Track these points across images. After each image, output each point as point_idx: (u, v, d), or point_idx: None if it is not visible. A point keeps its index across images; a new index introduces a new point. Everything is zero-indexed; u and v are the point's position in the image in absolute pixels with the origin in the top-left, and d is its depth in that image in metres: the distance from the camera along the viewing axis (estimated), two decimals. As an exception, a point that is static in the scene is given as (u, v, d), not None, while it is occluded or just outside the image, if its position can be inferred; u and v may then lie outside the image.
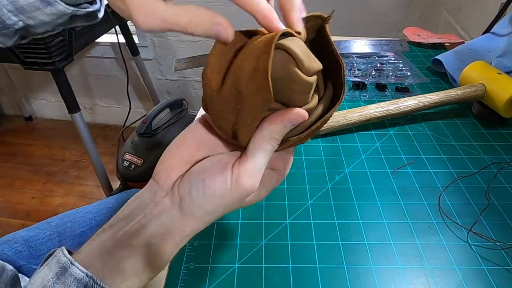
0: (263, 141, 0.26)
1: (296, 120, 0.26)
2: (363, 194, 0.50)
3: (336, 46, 0.27)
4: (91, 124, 2.05)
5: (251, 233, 0.45)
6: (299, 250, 0.43)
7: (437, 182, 0.52)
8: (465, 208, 0.48)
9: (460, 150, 0.57)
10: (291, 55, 0.24)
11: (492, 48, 0.76)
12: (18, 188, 1.72)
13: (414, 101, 0.61)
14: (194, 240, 0.45)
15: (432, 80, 0.75)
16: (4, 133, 2.05)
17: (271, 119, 0.26)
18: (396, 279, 0.40)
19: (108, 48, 1.77)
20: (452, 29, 1.16)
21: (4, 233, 0.61)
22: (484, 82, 0.62)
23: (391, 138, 0.60)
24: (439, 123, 0.64)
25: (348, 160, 0.56)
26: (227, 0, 0.25)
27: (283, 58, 0.24)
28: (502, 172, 0.53)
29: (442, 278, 0.40)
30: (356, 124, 0.60)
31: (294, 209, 0.48)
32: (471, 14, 1.06)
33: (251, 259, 0.42)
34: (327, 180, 0.53)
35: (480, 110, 0.64)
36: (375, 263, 0.42)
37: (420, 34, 0.92)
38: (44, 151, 1.92)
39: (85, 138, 1.28)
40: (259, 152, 0.26)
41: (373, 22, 1.48)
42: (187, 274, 0.41)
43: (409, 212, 0.47)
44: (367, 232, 0.45)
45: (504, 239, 0.44)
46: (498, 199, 0.49)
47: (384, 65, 0.78)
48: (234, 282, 0.40)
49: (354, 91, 0.73)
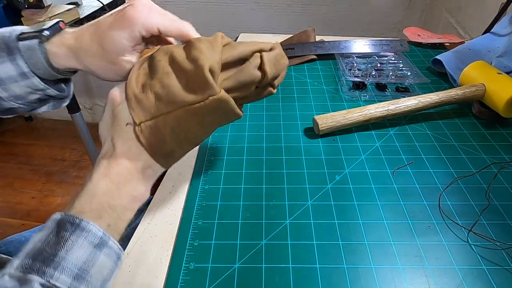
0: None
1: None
2: (363, 194, 0.50)
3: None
4: (91, 124, 2.04)
5: (251, 233, 0.45)
6: (299, 250, 0.43)
7: (437, 182, 0.52)
8: (465, 208, 0.48)
9: (460, 150, 0.57)
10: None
11: (492, 48, 0.76)
12: (18, 188, 1.72)
13: (414, 101, 0.61)
14: (194, 240, 0.45)
15: (432, 80, 0.75)
16: (4, 133, 2.05)
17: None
18: (396, 279, 0.40)
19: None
20: (452, 29, 1.16)
21: (4, 233, 0.61)
22: (484, 82, 0.62)
23: (391, 138, 0.60)
24: (439, 123, 0.64)
25: (348, 160, 0.56)
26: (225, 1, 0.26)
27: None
28: (502, 172, 0.53)
29: (442, 278, 0.40)
30: (356, 124, 0.60)
31: (294, 209, 0.48)
32: (471, 14, 1.06)
33: (251, 259, 0.42)
34: (327, 180, 0.53)
35: (480, 110, 0.64)
36: (375, 263, 0.42)
37: (420, 34, 0.92)
38: (44, 151, 1.92)
39: (85, 138, 1.28)
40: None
41: (373, 22, 1.48)
42: (187, 274, 0.41)
43: (409, 212, 0.47)
44: (367, 232, 0.45)
45: (504, 239, 0.44)
46: (498, 199, 0.49)
47: (384, 65, 0.78)
48: (234, 282, 0.40)
49: (354, 91, 0.73)
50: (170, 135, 0.35)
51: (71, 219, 0.28)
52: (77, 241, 0.27)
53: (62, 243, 0.27)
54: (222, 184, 0.52)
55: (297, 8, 1.49)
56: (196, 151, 0.59)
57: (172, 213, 0.49)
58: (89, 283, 0.27)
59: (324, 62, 0.84)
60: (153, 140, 0.34)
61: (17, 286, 0.25)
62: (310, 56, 0.84)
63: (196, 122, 0.35)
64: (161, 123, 0.34)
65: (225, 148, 0.59)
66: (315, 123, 0.60)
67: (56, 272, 0.26)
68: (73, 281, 0.26)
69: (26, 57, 0.36)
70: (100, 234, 0.29)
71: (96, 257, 0.28)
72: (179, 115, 0.34)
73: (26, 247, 0.28)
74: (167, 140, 0.35)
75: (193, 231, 0.46)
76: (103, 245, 0.29)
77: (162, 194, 0.52)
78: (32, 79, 0.38)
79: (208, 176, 0.54)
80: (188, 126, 0.35)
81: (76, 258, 0.27)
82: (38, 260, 0.26)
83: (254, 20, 1.55)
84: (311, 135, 0.61)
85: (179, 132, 0.35)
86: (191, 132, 0.36)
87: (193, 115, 0.34)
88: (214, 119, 0.36)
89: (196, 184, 0.53)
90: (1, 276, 0.26)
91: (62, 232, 0.28)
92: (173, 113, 0.34)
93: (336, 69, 0.81)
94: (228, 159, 0.57)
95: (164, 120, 0.34)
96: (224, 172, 0.54)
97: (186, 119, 0.34)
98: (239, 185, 0.52)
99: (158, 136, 0.34)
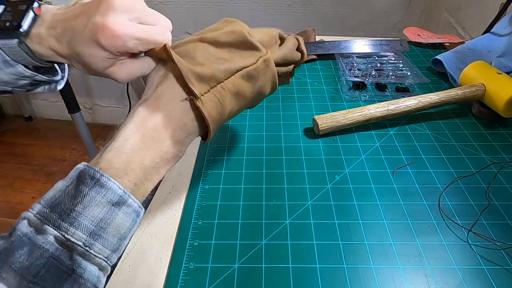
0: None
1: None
2: (363, 194, 0.50)
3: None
4: (91, 124, 2.05)
5: (251, 233, 0.45)
6: (299, 250, 0.43)
7: (437, 182, 0.52)
8: (465, 208, 0.48)
9: (460, 150, 0.57)
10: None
11: (492, 48, 0.76)
12: (18, 188, 1.72)
13: (414, 101, 0.61)
14: (194, 240, 0.45)
15: (432, 80, 0.75)
16: (4, 133, 2.05)
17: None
18: (396, 279, 0.40)
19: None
20: (452, 29, 1.16)
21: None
22: (484, 82, 0.62)
23: (391, 138, 0.60)
24: (439, 123, 0.64)
25: (348, 160, 0.56)
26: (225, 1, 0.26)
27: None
28: (502, 172, 0.53)
29: (442, 278, 0.40)
30: (356, 124, 0.60)
31: (294, 209, 0.48)
32: (471, 14, 1.06)
33: (251, 259, 0.42)
34: (327, 180, 0.53)
35: (480, 110, 0.64)
36: (375, 263, 0.42)
37: (420, 34, 0.92)
38: (44, 151, 1.92)
39: (85, 138, 1.28)
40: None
41: (373, 22, 1.48)
42: (187, 274, 0.41)
43: (409, 212, 0.47)
44: (367, 232, 0.45)
45: (504, 239, 0.44)
46: (498, 199, 0.49)
47: (384, 65, 0.78)
48: (234, 282, 0.40)
49: (354, 91, 0.73)
50: (230, 103, 0.36)
51: (91, 172, 0.27)
52: (95, 198, 0.27)
53: (80, 198, 0.27)
54: (222, 184, 0.52)
55: (297, 8, 1.49)
56: (196, 151, 0.59)
57: (172, 213, 0.49)
58: (105, 240, 0.27)
59: (324, 62, 0.84)
60: (214, 111, 0.35)
61: (32, 233, 0.25)
62: (310, 56, 0.84)
63: (251, 87, 0.37)
64: (222, 92, 0.35)
65: (225, 148, 0.59)
66: (315, 123, 0.60)
67: (72, 228, 0.26)
68: (88, 238, 0.26)
69: (6, 51, 0.35)
70: (119, 192, 0.28)
71: (114, 216, 0.28)
72: (236, 81, 0.35)
73: (48, 193, 0.28)
74: (226, 109, 0.36)
75: (193, 231, 0.46)
76: (122, 204, 0.28)
77: (162, 194, 0.52)
78: (16, 67, 0.36)
79: (208, 176, 0.54)
80: (244, 92, 0.36)
81: (93, 215, 0.27)
82: (55, 212, 0.26)
83: (254, 20, 1.55)
84: (311, 135, 0.61)
85: (238, 100, 0.36)
86: (246, 98, 0.37)
87: (248, 80, 0.36)
88: (264, 84, 0.38)
89: (196, 184, 0.53)
90: (22, 219, 0.26)
91: (81, 186, 0.27)
92: (231, 80, 0.35)
93: (336, 69, 0.81)
94: (228, 159, 0.57)
95: (223, 88, 0.35)
96: (224, 172, 0.54)
97: (242, 85, 0.36)
98: (239, 185, 0.52)
99: (218, 107, 0.35)
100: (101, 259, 0.27)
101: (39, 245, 0.25)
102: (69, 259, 0.25)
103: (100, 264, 0.27)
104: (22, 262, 0.24)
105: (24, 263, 0.24)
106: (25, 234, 0.25)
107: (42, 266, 0.24)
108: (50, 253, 0.25)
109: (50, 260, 0.25)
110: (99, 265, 0.27)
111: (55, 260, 0.25)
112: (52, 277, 0.25)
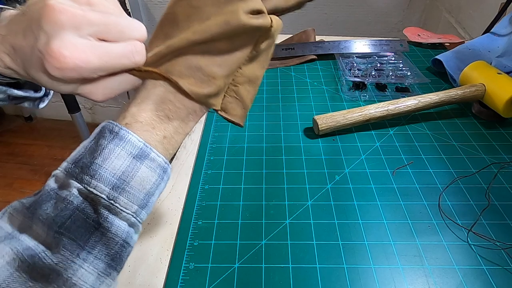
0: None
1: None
2: (363, 194, 0.50)
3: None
4: (91, 124, 2.05)
5: (251, 233, 0.45)
6: (299, 250, 0.43)
7: (437, 182, 0.52)
8: (465, 208, 0.48)
9: (460, 150, 0.57)
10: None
11: (492, 48, 0.76)
12: (18, 188, 1.72)
13: (414, 101, 0.61)
14: (194, 240, 0.45)
15: (432, 80, 0.75)
16: (4, 133, 2.05)
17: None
18: (396, 279, 0.40)
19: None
20: (452, 29, 1.16)
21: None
22: (484, 82, 0.62)
23: (391, 138, 0.60)
24: (439, 123, 0.64)
25: (348, 160, 0.56)
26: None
27: None
28: (502, 172, 0.53)
29: (442, 278, 0.40)
30: (356, 124, 0.60)
31: (294, 209, 0.48)
32: (471, 14, 1.06)
33: (251, 259, 0.42)
34: (327, 180, 0.53)
35: (480, 110, 0.64)
36: (375, 263, 0.42)
37: (420, 34, 0.92)
38: (44, 151, 1.92)
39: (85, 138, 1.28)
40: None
41: (373, 22, 1.48)
42: (187, 274, 0.41)
43: (409, 212, 0.47)
44: (367, 232, 0.45)
45: (504, 239, 0.44)
46: (498, 199, 0.49)
47: (384, 65, 0.78)
48: (234, 282, 0.40)
49: (354, 91, 0.73)
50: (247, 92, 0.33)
51: (110, 126, 0.27)
52: (115, 150, 0.26)
53: (99, 151, 0.26)
54: (222, 184, 0.52)
55: (297, 8, 1.49)
56: (196, 151, 0.59)
57: (172, 213, 0.49)
58: (130, 194, 0.26)
59: (324, 62, 0.84)
60: (238, 109, 0.33)
61: (58, 185, 0.26)
62: (310, 56, 0.84)
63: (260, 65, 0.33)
64: (236, 90, 0.33)
65: (225, 148, 0.59)
66: (315, 123, 0.60)
67: (93, 180, 0.25)
68: (112, 191, 0.26)
69: None
70: (140, 145, 0.27)
71: (137, 169, 0.27)
72: (246, 71, 0.32)
73: (74, 151, 0.27)
74: (248, 98, 0.33)
75: (193, 231, 0.46)
76: (144, 157, 0.27)
77: (162, 194, 0.51)
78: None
79: (208, 176, 0.54)
80: (256, 75, 0.33)
81: (113, 167, 0.26)
82: (78, 166, 0.26)
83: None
84: (311, 135, 0.61)
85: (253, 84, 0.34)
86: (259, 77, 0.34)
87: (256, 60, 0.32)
88: (271, 51, 0.34)
89: (196, 184, 0.53)
90: (52, 176, 0.26)
91: (101, 140, 0.27)
92: (239, 74, 0.32)
93: (336, 69, 0.81)
94: (228, 159, 0.57)
95: (236, 86, 0.32)
96: (224, 172, 0.54)
97: (252, 68, 0.32)
98: (239, 185, 0.52)
99: (239, 103, 0.33)
100: (129, 214, 0.26)
101: (63, 197, 0.25)
102: (95, 213, 0.25)
103: (129, 220, 0.27)
104: (48, 214, 0.24)
105: (50, 214, 0.24)
106: (52, 189, 0.25)
107: (68, 217, 0.24)
108: (75, 205, 0.25)
109: (76, 213, 0.25)
110: (128, 221, 0.27)
111: (80, 213, 0.25)
112: (78, 228, 0.25)
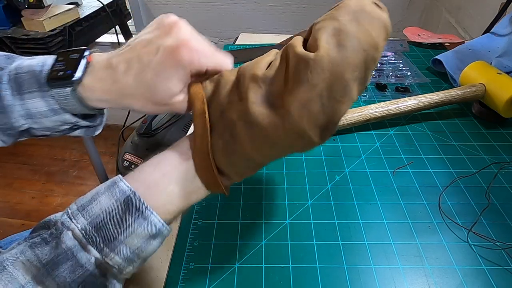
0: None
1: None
2: (363, 194, 0.50)
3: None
4: (91, 124, 2.05)
5: (251, 233, 0.45)
6: (299, 250, 0.43)
7: (437, 182, 0.52)
8: (465, 208, 0.48)
9: (460, 150, 0.57)
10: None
11: (492, 48, 0.76)
12: (18, 188, 1.72)
13: (414, 101, 0.61)
14: (194, 240, 0.45)
15: (432, 80, 0.75)
16: (4, 133, 2.05)
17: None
18: (396, 279, 0.40)
19: (108, 48, 1.77)
20: (452, 29, 1.16)
21: (4, 233, 0.61)
22: (484, 82, 0.62)
23: (391, 138, 0.60)
24: (439, 123, 0.64)
25: (348, 160, 0.56)
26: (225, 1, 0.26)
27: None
28: (502, 172, 0.53)
29: (442, 278, 0.40)
30: (356, 124, 0.60)
31: (294, 209, 0.48)
32: (471, 14, 1.06)
33: (251, 259, 0.42)
34: (327, 180, 0.53)
35: (480, 110, 0.64)
36: (375, 263, 0.42)
37: (420, 34, 0.92)
38: (44, 151, 1.92)
39: (85, 138, 1.28)
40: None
41: (373, 22, 1.48)
42: (187, 274, 0.41)
43: (409, 212, 0.47)
44: (367, 232, 0.45)
45: (504, 239, 0.44)
46: (498, 199, 0.49)
47: (384, 65, 0.78)
48: (234, 282, 0.40)
49: (354, 91, 0.73)
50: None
51: (138, 204, 0.29)
52: (137, 230, 0.28)
53: (124, 228, 0.28)
54: (222, 184, 0.52)
55: (297, 8, 1.49)
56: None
57: (172, 213, 0.49)
58: (136, 263, 0.30)
59: (324, 62, 0.84)
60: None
61: (77, 248, 0.27)
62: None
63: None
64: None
65: (225, 148, 0.59)
66: (315, 123, 0.60)
67: (112, 253, 0.28)
68: (123, 263, 0.28)
69: (58, 100, 0.35)
70: (159, 225, 0.30)
71: (149, 245, 0.30)
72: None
73: (93, 208, 0.28)
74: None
75: (193, 231, 0.46)
76: (158, 235, 0.30)
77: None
78: (63, 115, 0.37)
79: (208, 176, 0.54)
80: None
81: (132, 244, 0.28)
82: (100, 236, 0.28)
83: (254, 20, 1.55)
84: (311, 135, 0.61)
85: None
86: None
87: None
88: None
89: (196, 184, 0.53)
90: (67, 229, 0.27)
91: (127, 215, 0.28)
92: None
93: (336, 69, 0.81)
94: (228, 159, 0.57)
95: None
96: (224, 172, 0.54)
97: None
98: (239, 185, 0.52)
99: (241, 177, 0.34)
100: (125, 276, 0.30)
101: (81, 264, 0.27)
102: (102, 276, 0.28)
103: (123, 280, 0.30)
104: (64, 277, 0.26)
105: (66, 279, 0.26)
106: (69, 248, 0.27)
107: (81, 282, 0.27)
108: (90, 272, 0.27)
109: (89, 278, 0.27)
110: (122, 280, 0.30)
111: (92, 277, 0.27)
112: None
